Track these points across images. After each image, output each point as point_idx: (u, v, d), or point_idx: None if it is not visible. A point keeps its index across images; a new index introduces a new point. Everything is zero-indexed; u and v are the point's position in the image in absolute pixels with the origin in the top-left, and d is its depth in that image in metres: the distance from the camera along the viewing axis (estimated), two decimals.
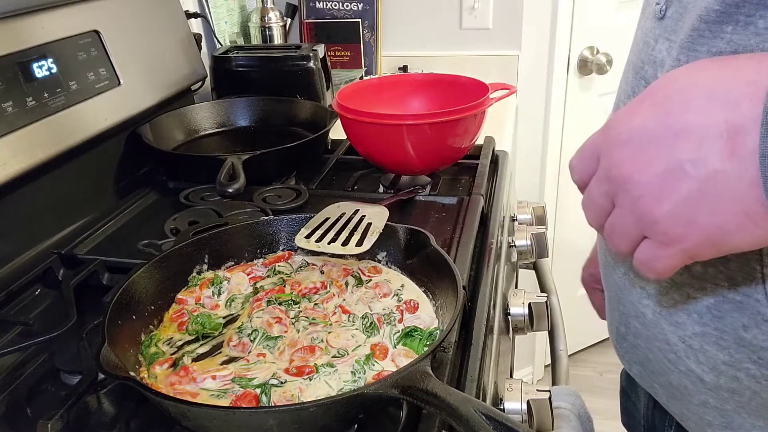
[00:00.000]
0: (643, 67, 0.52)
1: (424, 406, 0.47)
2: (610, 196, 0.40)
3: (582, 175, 0.42)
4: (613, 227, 0.40)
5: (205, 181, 0.96)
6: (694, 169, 0.35)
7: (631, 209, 0.38)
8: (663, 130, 0.37)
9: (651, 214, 0.37)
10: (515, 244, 1.00)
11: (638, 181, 0.37)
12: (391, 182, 1.03)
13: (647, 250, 0.39)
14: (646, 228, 0.38)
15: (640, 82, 0.53)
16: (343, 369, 0.57)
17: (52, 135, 0.85)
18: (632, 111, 0.39)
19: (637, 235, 0.39)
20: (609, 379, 2.14)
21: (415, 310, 0.65)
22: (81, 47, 0.94)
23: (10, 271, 0.79)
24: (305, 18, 1.70)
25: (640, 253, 0.40)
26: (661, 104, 0.38)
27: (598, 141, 0.41)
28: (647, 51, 0.52)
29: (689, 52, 0.45)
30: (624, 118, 0.39)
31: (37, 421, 0.52)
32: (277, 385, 0.54)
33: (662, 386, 0.57)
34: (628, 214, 0.38)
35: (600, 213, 0.41)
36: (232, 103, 1.24)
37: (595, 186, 0.41)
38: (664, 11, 0.50)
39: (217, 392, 0.54)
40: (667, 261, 0.39)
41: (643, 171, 0.37)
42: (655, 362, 0.55)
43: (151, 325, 0.63)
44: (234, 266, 0.73)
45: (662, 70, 0.49)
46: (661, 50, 0.50)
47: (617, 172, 0.38)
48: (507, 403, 0.66)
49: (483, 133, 1.04)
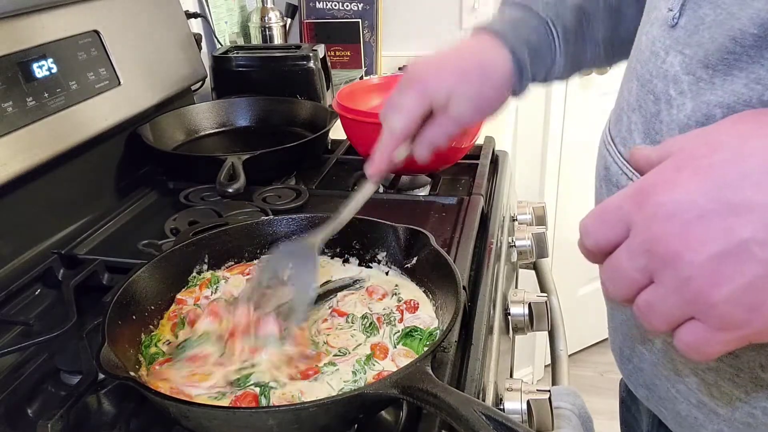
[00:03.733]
0: (652, 80, 0.50)
1: (424, 406, 0.47)
2: (648, 271, 0.35)
3: (600, 243, 0.38)
4: (650, 305, 0.36)
5: (205, 181, 0.96)
6: (762, 251, 0.32)
7: (679, 290, 0.34)
8: (717, 206, 0.33)
9: (706, 297, 0.33)
10: (515, 244, 1.00)
11: (690, 261, 0.33)
12: (391, 182, 1.03)
13: (696, 334, 0.35)
14: (698, 311, 0.34)
15: (648, 96, 0.50)
16: (345, 368, 0.57)
17: (52, 135, 0.85)
18: (671, 180, 0.35)
19: (683, 316, 0.35)
20: (609, 379, 2.14)
21: (415, 310, 0.65)
22: (81, 47, 0.94)
23: (10, 271, 0.79)
24: (305, 18, 1.70)
25: (686, 336, 0.35)
26: (709, 175, 0.34)
27: (628, 209, 0.36)
28: (655, 62, 0.49)
29: (725, 76, 0.42)
30: (661, 186, 0.35)
31: (37, 421, 0.52)
32: (275, 387, 0.54)
33: (670, 412, 0.55)
34: (673, 295, 0.34)
35: (631, 288, 0.37)
36: (232, 103, 1.24)
37: (627, 258, 0.36)
38: (677, 20, 0.47)
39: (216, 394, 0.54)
40: (720, 347, 0.35)
41: (696, 250, 0.33)
42: (662, 389, 0.54)
43: (151, 325, 0.63)
44: (234, 266, 0.73)
45: (675, 87, 0.46)
46: (674, 64, 0.47)
47: (662, 248, 0.34)
48: (507, 403, 0.66)
49: (483, 133, 1.04)
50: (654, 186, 0.36)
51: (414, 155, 0.63)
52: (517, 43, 0.63)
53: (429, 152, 0.63)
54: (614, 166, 0.54)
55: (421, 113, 0.61)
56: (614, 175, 0.54)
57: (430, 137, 0.62)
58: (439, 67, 0.62)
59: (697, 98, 0.45)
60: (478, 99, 0.62)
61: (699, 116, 0.45)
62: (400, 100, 0.62)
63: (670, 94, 0.47)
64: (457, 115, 0.61)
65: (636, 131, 0.52)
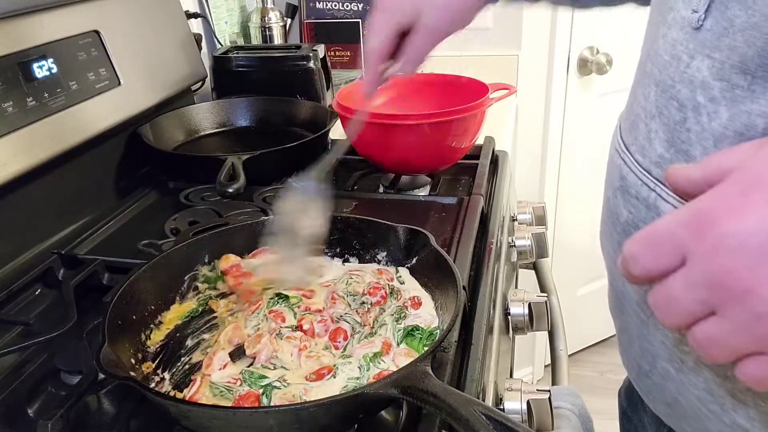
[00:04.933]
0: (674, 86, 0.47)
1: (424, 406, 0.47)
2: (708, 305, 0.34)
3: (650, 271, 0.36)
4: (712, 339, 0.34)
5: (205, 181, 0.96)
6: None
7: (748, 326, 0.32)
8: None
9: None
10: (515, 244, 1.00)
11: (763, 296, 0.31)
12: (391, 182, 1.03)
13: (766, 368, 0.33)
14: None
15: (670, 103, 0.47)
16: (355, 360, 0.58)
17: (52, 135, 0.85)
18: (735, 206, 0.33)
19: (749, 351, 0.34)
20: (609, 379, 2.14)
21: (418, 306, 0.65)
22: (81, 47, 0.94)
23: (10, 271, 0.79)
24: (305, 18, 1.70)
25: (754, 370, 0.34)
26: None
27: (684, 236, 0.34)
28: (678, 67, 0.46)
29: (766, 83, 0.40)
30: (725, 213, 0.33)
31: (37, 421, 0.52)
32: (279, 387, 0.55)
33: (695, 430, 0.53)
34: (742, 331, 0.33)
35: (688, 319, 0.35)
36: (232, 103, 1.24)
37: (684, 289, 0.34)
38: (702, 21, 0.44)
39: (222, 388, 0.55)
40: None
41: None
42: (687, 407, 0.52)
43: (152, 325, 0.63)
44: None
45: (705, 94, 0.44)
46: (701, 69, 0.44)
47: (730, 282, 0.32)
48: (507, 403, 0.66)
49: (483, 133, 1.04)
50: (716, 212, 0.33)
51: (403, 71, 0.67)
52: None
53: (414, 68, 0.67)
54: (632, 175, 0.52)
55: (394, 31, 0.65)
56: (633, 186, 0.52)
57: (411, 53, 0.66)
58: None
59: (734, 106, 0.42)
60: (449, 4, 0.65)
61: (738, 126, 0.42)
62: (373, 22, 0.66)
63: (698, 101, 0.45)
64: (430, 24, 0.64)
65: (657, 140, 0.49)
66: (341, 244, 0.74)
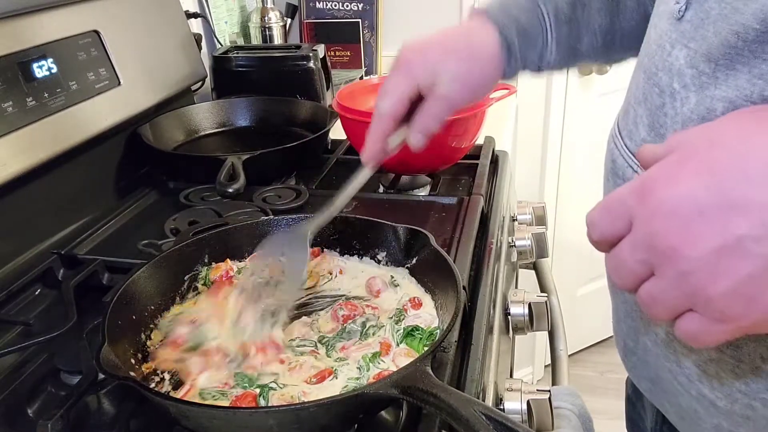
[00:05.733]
0: (657, 73, 0.50)
1: (424, 406, 0.47)
2: (648, 264, 0.37)
3: (605, 235, 0.39)
4: (652, 297, 0.37)
5: (205, 181, 0.96)
6: (759, 247, 0.33)
7: (678, 284, 0.35)
8: (716, 202, 0.34)
9: (704, 291, 0.35)
10: (515, 244, 1.00)
11: (688, 256, 0.34)
12: (391, 182, 1.03)
13: (696, 324, 0.36)
14: (697, 304, 0.35)
15: (653, 89, 0.50)
16: (353, 362, 0.58)
17: (52, 135, 0.85)
18: (672, 175, 0.36)
19: (683, 308, 0.36)
20: (609, 379, 2.14)
21: (419, 306, 0.65)
22: (81, 47, 0.94)
23: (10, 271, 0.79)
24: (305, 18, 1.70)
25: (687, 326, 0.37)
26: (709, 171, 0.35)
27: (631, 203, 0.37)
28: (661, 55, 0.50)
29: (728, 71, 0.43)
30: (663, 181, 0.36)
31: (37, 421, 0.52)
32: (275, 388, 0.54)
33: (672, 405, 0.56)
34: (673, 288, 0.36)
35: (634, 279, 0.38)
36: (232, 103, 1.24)
37: (629, 251, 0.38)
38: (683, 12, 0.47)
39: (215, 393, 0.54)
40: (718, 336, 0.36)
41: (694, 245, 0.34)
42: (665, 381, 0.54)
43: (152, 325, 0.63)
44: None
45: (679, 80, 0.47)
46: (678, 57, 0.47)
47: (662, 243, 0.35)
48: (507, 403, 0.66)
49: (483, 133, 1.04)
50: (656, 181, 0.37)
51: (409, 143, 0.63)
52: (506, 21, 0.64)
53: (423, 138, 0.63)
54: (620, 159, 0.55)
55: (407, 94, 0.61)
56: (620, 168, 0.54)
57: (422, 121, 0.62)
58: (425, 49, 0.62)
59: (701, 92, 0.45)
60: (466, 77, 0.63)
61: (702, 110, 0.45)
62: (387, 84, 0.63)
63: (674, 88, 0.48)
64: (445, 94, 0.61)
65: (641, 124, 0.52)
66: (341, 243, 0.74)
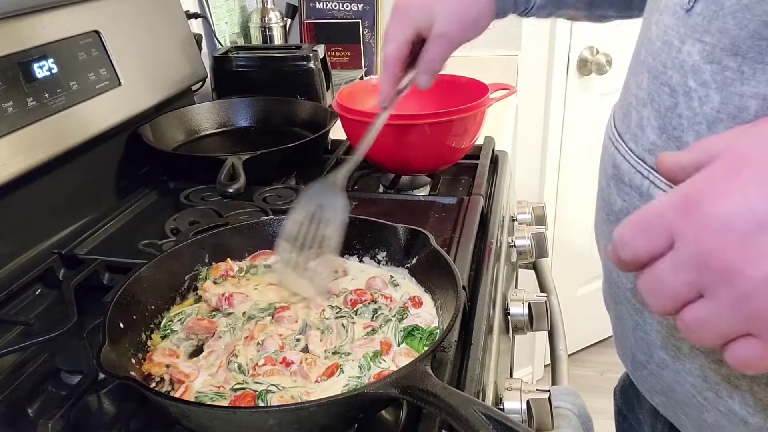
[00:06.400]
0: (666, 72, 0.47)
1: (424, 406, 0.48)
2: (696, 286, 0.33)
3: (638, 254, 0.36)
4: (701, 322, 0.34)
5: (206, 181, 0.96)
6: None
7: (737, 307, 0.32)
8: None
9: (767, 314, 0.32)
10: (515, 244, 1.00)
11: (750, 276, 0.31)
12: (391, 182, 1.03)
13: (755, 350, 0.33)
14: (758, 328, 0.32)
15: (662, 89, 0.48)
16: (356, 357, 0.58)
17: (52, 135, 0.85)
18: (722, 186, 0.33)
19: (738, 332, 0.33)
20: (609, 379, 2.14)
21: (419, 306, 0.65)
22: (81, 47, 0.94)
23: (10, 271, 0.79)
24: (305, 18, 1.70)
25: (744, 352, 0.34)
26: (767, 181, 0.32)
27: (673, 218, 0.34)
28: (669, 52, 0.47)
29: (756, 64, 0.40)
30: (711, 193, 0.33)
31: (37, 421, 0.52)
32: (273, 391, 0.54)
33: (692, 420, 0.53)
34: (729, 311, 0.33)
35: (676, 301, 0.35)
36: (232, 103, 1.24)
37: (672, 272, 0.34)
38: (692, 4, 0.44)
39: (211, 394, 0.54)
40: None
41: (756, 264, 0.31)
42: (682, 395, 0.52)
43: (152, 325, 0.63)
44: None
45: (696, 78, 0.44)
46: (692, 53, 0.44)
47: (717, 263, 0.32)
48: (507, 403, 0.66)
49: (483, 133, 1.04)
50: (702, 193, 0.33)
51: (418, 84, 0.70)
52: None
53: (431, 78, 0.69)
54: (625, 164, 0.52)
55: (408, 37, 0.67)
56: (626, 174, 0.52)
57: (427, 61, 0.67)
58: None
59: (725, 89, 0.42)
60: (461, 14, 0.67)
61: (731, 109, 0.42)
62: (388, 31, 0.68)
63: (689, 86, 0.45)
64: (443, 31, 0.66)
65: (649, 127, 0.49)
66: (341, 244, 0.74)
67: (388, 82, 0.69)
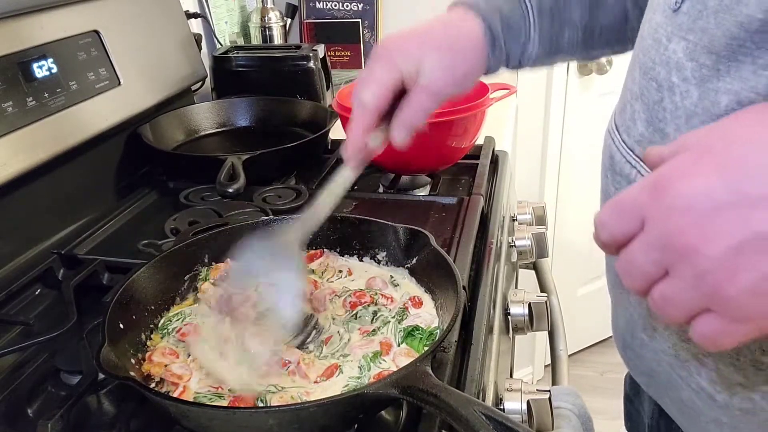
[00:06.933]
0: (654, 68, 0.49)
1: (424, 406, 0.47)
2: (662, 264, 0.36)
3: (616, 235, 0.38)
4: (666, 298, 0.36)
5: (205, 181, 0.96)
6: None
7: (695, 283, 0.34)
8: (735, 199, 0.33)
9: (724, 291, 0.33)
10: (515, 244, 1.00)
11: (706, 254, 0.33)
12: (391, 182, 1.03)
13: (713, 325, 0.35)
14: (715, 304, 0.34)
15: (650, 84, 0.50)
16: (355, 357, 0.58)
17: (52, 135, 0.85)
18: (687, 171, 0.35)
19: (699, 308, 0.35)
20: (609, 379, 2.14)
21: (419, 306, 0.65)
22: (81, 47, 0.94)
23: (10, 271, 0.79)
24: (305, 18, 1.70)
25: (704, 327, 0.35)
26: (727, 167, 0.34)
27: (643, 201, 0.36)
28: (658, 49, 0.49)
29: (730, 62, 0.42)
30: (678, 178, 0.35)
31: (37, 421, 0.52)
32: (273, 391, 0.54)
33: (672, 399, 0.55)
34: (689, 288, 0.35)
35: (646, 280, 0.37)
36: (232, 103, 1.24)
37: (641, 252, 0.36)
38: (680, 4, 0.46)
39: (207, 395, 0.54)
40: (737, 337, 0.35)
41: (712, 243, 0.33)
42: (662, 374, 0.54)
43: (152, 325, 0.63)
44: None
45: (679, 74, 0.46)
46: (676, 51, 0.46)
47: (678, 242, 0.34)
48: (507, 403, 0.66)
49: (483, 133, 1.04)
50: (670, 178, 0.36)
51: (392, 139, 0.59)
52: (489, 11, 0.62)
53: (407, 134, 0.59)
54: (618, 154, 0.54)
55: (391, 84, 0.57)
56: (618, 164, 0.54)
57: (406, 115, 0.58)
58: (407, 38, 0.60)
59: (703, 85, 0.44)
60: (450, 67, 0.59)
61: (706, 104, 0.44)
62: (368, 74, 0.58)
63: (673, 81, 0.47)
64: (428, 84, 0.57)
65: (639, 120, 0.51)
66: (341, 243, 0.74)
67: (359, 133, 0.57)
